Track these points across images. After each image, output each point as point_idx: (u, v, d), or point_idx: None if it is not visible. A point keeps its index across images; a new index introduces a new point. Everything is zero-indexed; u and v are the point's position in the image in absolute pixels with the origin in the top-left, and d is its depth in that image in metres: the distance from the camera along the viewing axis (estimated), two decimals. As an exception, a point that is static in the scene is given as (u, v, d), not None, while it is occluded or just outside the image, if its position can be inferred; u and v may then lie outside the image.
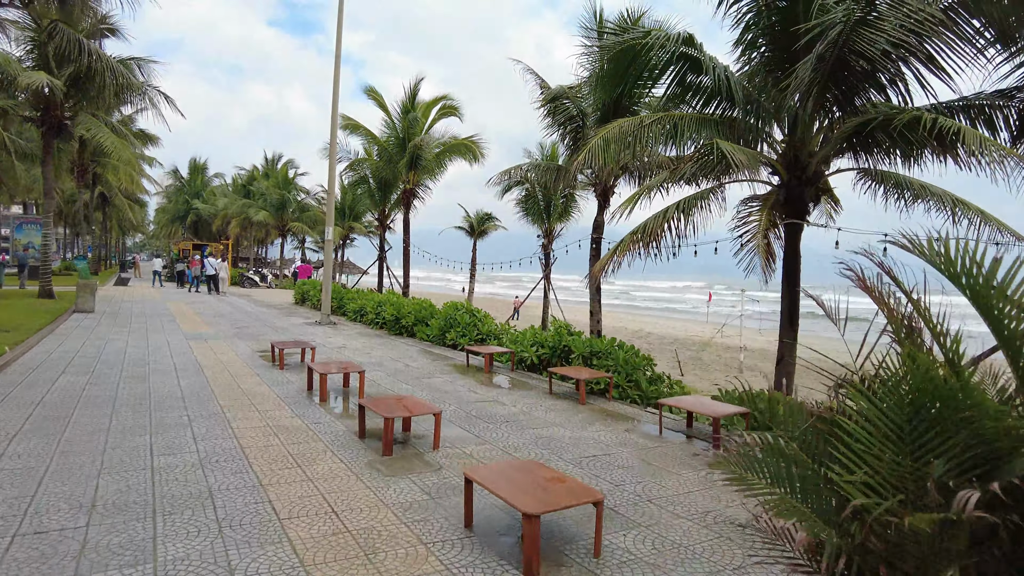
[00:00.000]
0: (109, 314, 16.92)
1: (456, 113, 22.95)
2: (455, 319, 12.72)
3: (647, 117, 8.32)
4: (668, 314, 54.03)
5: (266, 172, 49.42)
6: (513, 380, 9.28)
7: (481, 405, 7.47)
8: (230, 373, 8.92)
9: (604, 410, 7.51)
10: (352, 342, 13.09)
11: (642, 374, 8.63)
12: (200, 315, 17.78)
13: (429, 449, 5.57)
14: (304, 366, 9.74)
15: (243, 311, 19.82)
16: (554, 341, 9.79)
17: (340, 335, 14.29)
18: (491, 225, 31.00)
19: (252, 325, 15.66)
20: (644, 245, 9.19)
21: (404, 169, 22.93)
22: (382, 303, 16.16)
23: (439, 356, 11.47)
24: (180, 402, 6.98)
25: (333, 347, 12.19)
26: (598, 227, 13.11)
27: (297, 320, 17.49)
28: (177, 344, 11.68)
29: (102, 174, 38.41)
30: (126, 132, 25.67)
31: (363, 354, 11.41)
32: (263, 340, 12.80)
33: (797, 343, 8.85)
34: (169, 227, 64.50)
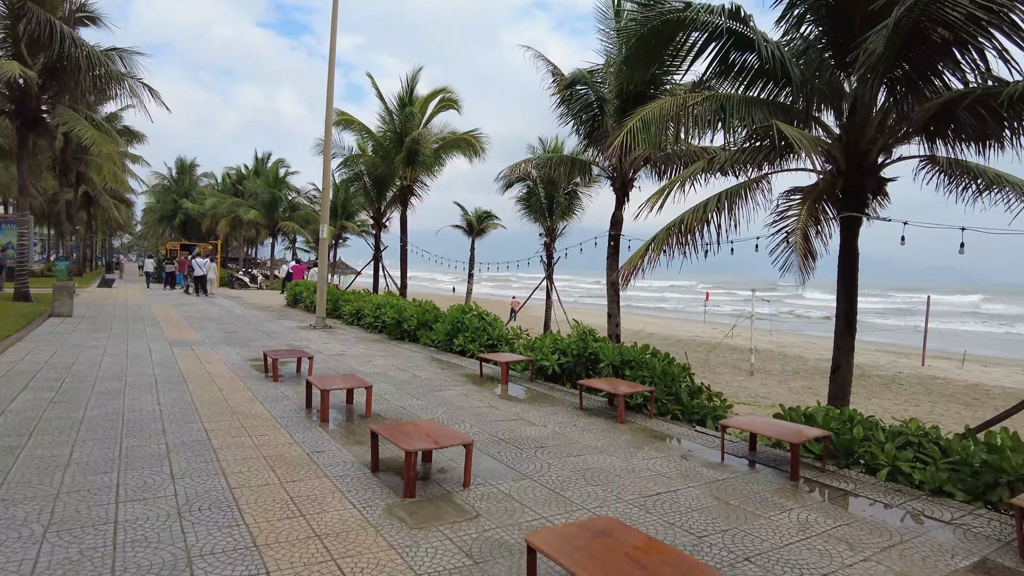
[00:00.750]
0: (88, 318, 15.81)
1: (455, 106, 21.97)
2: (463, 323, 11.74)
3: (690, 97, 7.37)
4: (660, 313, 53.25)
5: (256, 170, 48.20)
6: (535, 393, 8.31)
7: (506, 425, 6.50)
8: (217, 387, 7.89)
9: (647, 430, 6.56)
10: (351, 348, 12.08)
11: (681, 386, 7.69)
12: (186, 319, 16.70)
13: (458, 487, 4.60)
14: (301, 378, 8.73)
15: (232, 314, 18.74)
16: (578, 348, 8.84)
17: (337, 340, 13.27)
18: (490, 224, 30.05)
19: (242, 329, 14.61)
20: (681, 242, 8.26)
21: (401, 165, 21.92)
22: (381, 305, 15.15)
23: (448, 364, 10.48)
24: (158, 425, 5.96)
25: (331, 354, 11.18)
26: (616, 223, 12.17)
27: (290, 324, 16.45)
28: (159, 352, 10.64)
29: (86, 172, 37.11)
30: (109, 128, 24.47)
31: (364, 362, 10.41)
32: (254, 347, 11.77)
33: (854, 351, 7.95)
34: (157, 227, 63.08)
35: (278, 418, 6.40)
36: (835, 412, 6.05)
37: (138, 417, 6.23)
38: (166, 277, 32.82)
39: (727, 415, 7.61)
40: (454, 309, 12.30)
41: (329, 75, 15.11)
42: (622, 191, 12.09)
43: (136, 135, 37.31)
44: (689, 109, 7.21)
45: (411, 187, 22.38)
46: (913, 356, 27.46)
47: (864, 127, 7.40)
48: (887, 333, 39.02)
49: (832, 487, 4.93)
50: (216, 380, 8.35)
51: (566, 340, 9.30)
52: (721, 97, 7.27)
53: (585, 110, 12.00)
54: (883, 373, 21.74)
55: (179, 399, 7.10)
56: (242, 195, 45.98)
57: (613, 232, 12.12)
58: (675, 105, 7.26)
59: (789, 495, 4.71)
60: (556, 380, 9.09)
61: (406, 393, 7.97)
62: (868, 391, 18.29)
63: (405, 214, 22.71)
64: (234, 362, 9.93)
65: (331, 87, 15.07)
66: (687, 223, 8.26)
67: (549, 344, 9.37)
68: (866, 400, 17.25)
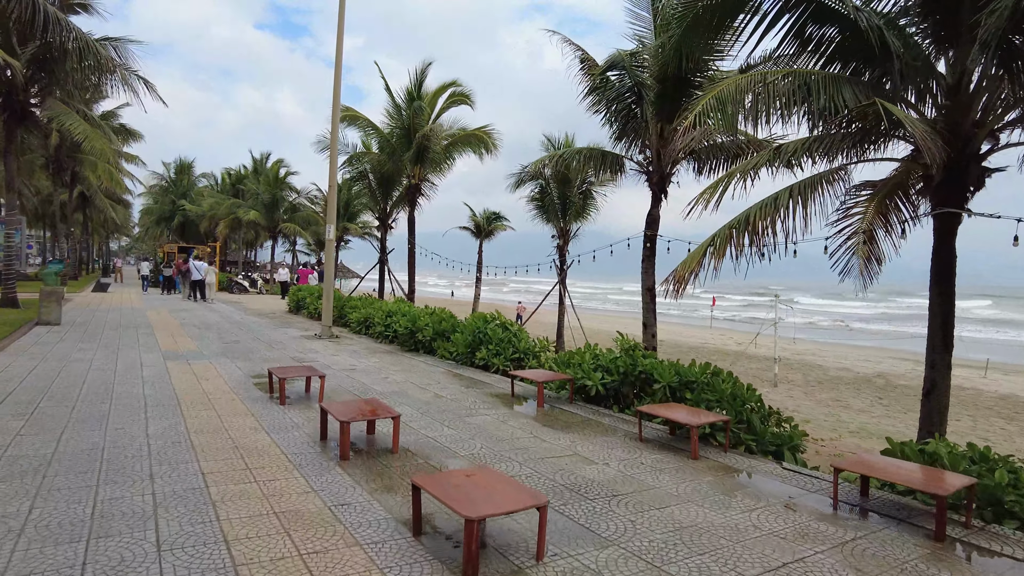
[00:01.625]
0: (78, 326, 14.74)
1: (467, 101, 20.91)
2: (485, 334, 10.70)
3: (769, 73, 6.34)
4: (663, 319, 52.10)
5: (256, 169, 47.13)
6: (580, 418, 7.25)
7: (560, 463, 5.44)
8: (216, 411, 6.84)
9: (727, 468, 5.52)
10: (362, 361, 11.02)
11: (752, 411, 6.66)
12: (183, 326, 15.64)
13: (529, 560, 3.55)
14: (311, 399, 7.68)
15: (232, 321, 17.68)
16: (625, 366, 7.79)
17: (346, 352, 12.22)
18: (499, 225, 28.99)
19: (243, 339, 13.55)
20: (746, 243, 7.22)
21: (409, 163, 20.88)
22: (392, 313, 14.09)
23: (472, 381, 9.43)
24: (145, 465, 4.91)
25: (341, 369, 10.12)
26: (652, 223, 11.12)
27: (294, 332, 15.39)
28: (152, 366, 9.58)
29: (81, 171, 36.05)
30: (101, 124, 23.41)
31: (379, 378, 9.36)
32: (256, 359, 10.71)
33: (951, 369, 6.91)
34: (155, 229, 61.99)
35: (289, 454, 5.35)
36: (962, 450, 5.01)
37: (121, 454, 5.17)
38: (164, 281, 31.70)
39: (801, 443, 6.58)
40: (475, 319, 11.25)
41: (337, 64, 14.09)
42: (659, 187, 11.04)
43: (133, 133, 36.26)
44: (769, 86, 6.18)
45: (419, 186, 21.33)
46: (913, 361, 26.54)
47: (968, 109, 6.37)
48: (880, 337, 38.02)
49: (994, 552, 3.89)
50: (215, 402, 7.29)
51: (609, 355, 8.25)
52: (804, 73, 6.24)
53: (619, 99, 10.95)
54: (907, 383, 20.75)
55: (171, 428, 6.04)
56: (242, 196, 44.92)
57: (649, 232, 11.07)
58: (752, 81, 6.24)
59: (947, 566, 3.67)
60: (598, 402, 8.04)
61: (432, 418, 6.91)
62: (903, 405, 17.30)
63: (413, 214, 21.67)
64: (235, 378, 8.87)
65: (338, 77, 14.04)
66: (753, 221, 7.23)
67: (589, 360, 8.31)
68: (904, 415, 16.25)
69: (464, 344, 10.94)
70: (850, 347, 33.16)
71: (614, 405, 7.83)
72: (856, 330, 45.29)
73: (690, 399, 6.89)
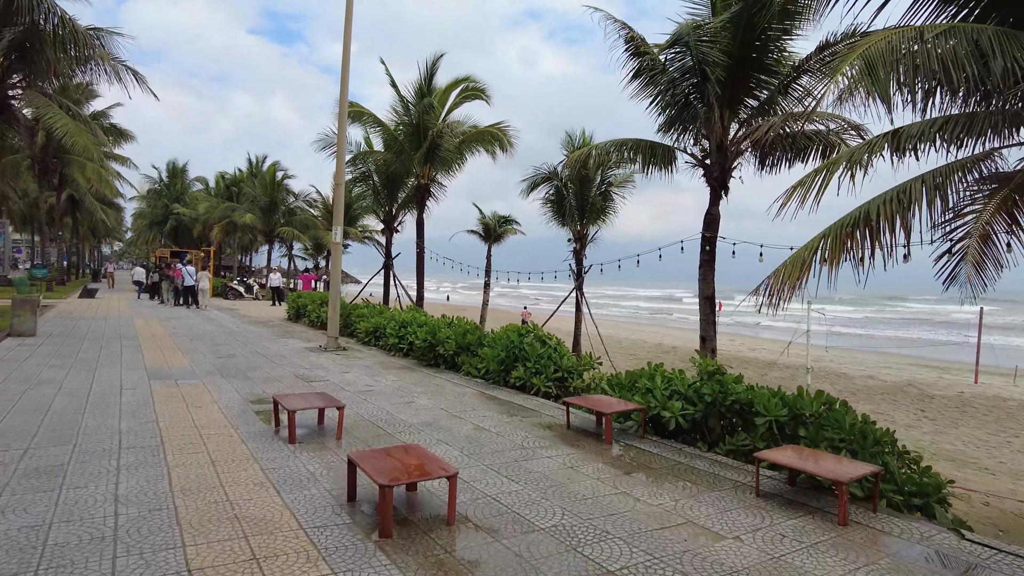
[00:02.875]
0: (55, 338, 13.25)
1: (483, 96, 19.50)
2: (522, 349, 9.27)
3: (929, 28, 4.96)
4: (665, 323, 50.82)
5: (252, 171, 45.58)
6: (666, 462, 5.82)
7: (675, 538, 4.02)
8: (210, 454, 5.40)
9: (897, 539, 4.10)
10: (378, 380, 9.59)
11: (887, 453, 5.26)
12: (173, 337, 14.16)
13: None
14: (326, 435, 6.24)
15: (227, 331, 16.21)
16: (712, 392, 6.37)
17: (358, 368, 10.78)
18: (509, 229, 27.60)
19: (239, 353, 12.09)
20: (869, 241, 5.84)
21: (419, 162, 19.48)
22: (407, 323, 12.66)
23: (513, 407, 8.00)
24: (105, 558, 3.46)
25: (356, 391, 8.68)
26: (711, 223, 9.73)
27: (296, 344, 13.93)
28: (134, 388, 8.12)
29: (69, 173, 34.52)
30: (87, 119, 21.91)
31: (402, 403, 7.93)
32: (256, 379, 9.26)
33: None
34: (147, 233, 60.36)
35: (310, 529, 3.91)
36: None
37: (74, 538, 3.70)
38: (151, 287, 29.89)
39: (946, 491, 5.18)
40: (508, 331, 9.83)
41: (345, 49, 12.68)
42: (720, 183, 9.66)
43: (124, 134, 34.76)
44: (928, 44, 4.80)
45: (429, 186, 19.93)
46: (953, 371, 25.23)
47: None
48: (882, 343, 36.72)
49: None
50: (208, 440, 5.84)
51: (684, 379, 6.84)
52: (973, 29, 4.86)
53: (676, 82, 9.53)
54: (942, 393, 19.44)
55: (150, 486, 4.59)
56: (237, 199, 43.39)
57: (708, 234, 9.68)
58: (906, 38, 4.88)
59: None
60: (676, 436, 6.62)
61: (483, 464, 5.48)
62: (948, 419, 16.00)
63: (422, 216, 20.26)
64: (232, 405, 7.42)
65: (346, 62, 12.64)
66: (874, 217, 5.84)
67: (661, 385, 6.89)
68: (953, 428, 14.96)
69: (495, 361, 9.51)
70: (864, 353, 31.85)
71: (700, 442, 6.42)
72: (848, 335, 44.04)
73: (804, 437, 5.49)
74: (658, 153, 10.36)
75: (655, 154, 10.36)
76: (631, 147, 10.51)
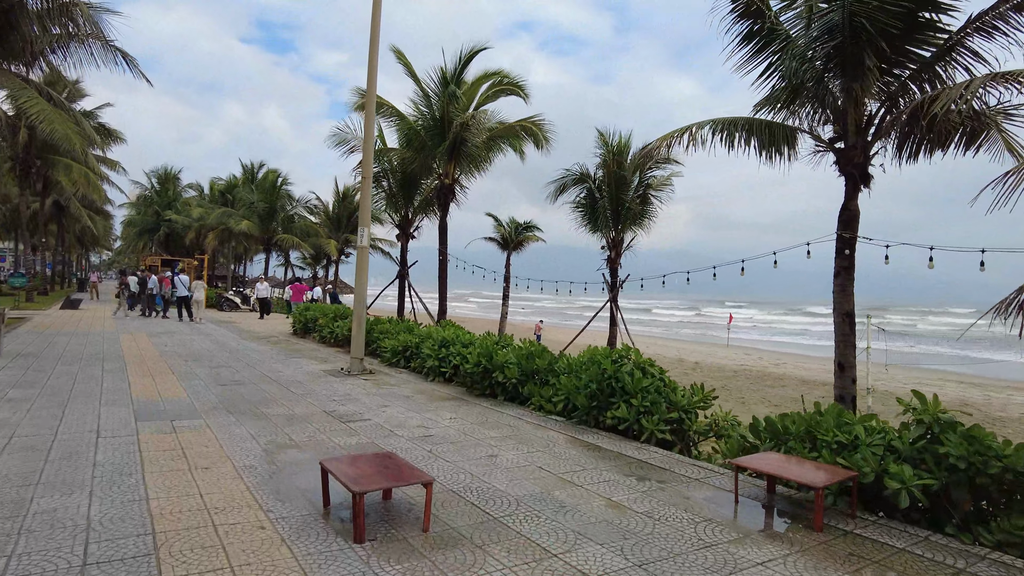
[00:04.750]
0: (24, 359, 11.06)
1: (519, 91, 17.45)
2: (618, 379, 7.19)
3: None
4: (679, 336, 48.78)
5: (245, 179, 43.34)
6: (933, 567, 3.75)
7: None
8: (232, 567, 3.28)
9: None
10: (432, 419, 7.47)
11: None
12: (165, 358, 11.98)
13: None
14: (403, 525, 4.12)
15: (227, 349, 14.03)
16: (965, 453, 4.30)
17: (398, 400, 8.66)
18: (530, 236, 25.57)
19: (246, 378, 9.94)
20: None
21: (442, 159, 17.45)
22: (449, 342, 10.55)
23: (633, 463, 5.91)
24: None
25: (410, 436, 6.56)
26: (849, 221, 7.69)
27: (310, 366, 11.78)
28: (115, 435, 5.97)
29: (52, 176, 32.24)
30: (70, 107, 19.73)
31: (481, 458, 5.83)
32: (275, 419, 7.12)
33: None
34: (137, 241, 57.96)
35: None
36: None
37: None
38: (132, 299, 26.19)
39: None
40: (596, 355, 7.75)
41: (375, 9, 10.65)
42: (860, 171, 7.66)
43: (113, 134, 32.54)
44: None
45: (452, 187, 17.88)
46: (996, 388, 23.37)
47: None
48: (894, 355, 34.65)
49: None
50: (228, 539, 3.71)
51: (906, 433, 4.78)
52: None
53: (806, 47, 7.50)
54: (1004, 415, 17.49)
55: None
56: (232, 206, 41.17)
57: (847, 235, 7.66)
58: None
59: None
60: (906, 517, 4.55)
61: None
62: None
63: (445, 220, 18.18)
64: (253, 464, 5.29)
65: (377, 17, 10.60)
66: None
67: (871, 440, 4.82)
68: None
69: (583, 394, 7.42)
70: (925, 372, 29.84)
71: (949, 524, 4.35)
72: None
73: None
74: (777, 135, 8.37)
75: (774, 136, 8.36)
76: (743, 126, 8.50)
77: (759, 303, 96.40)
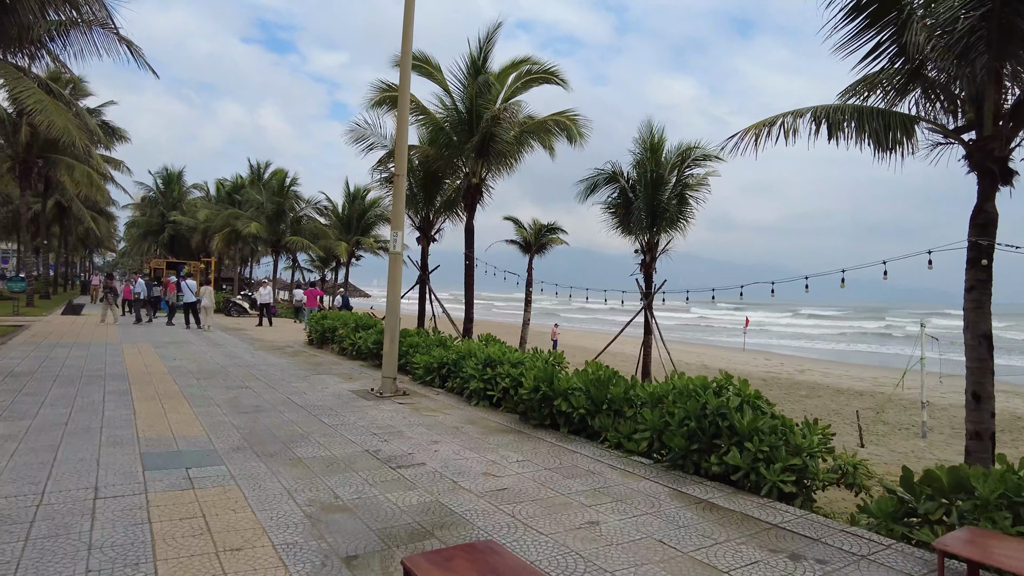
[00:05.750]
0: (14, 378, 9.86)
1: (554, 79, 16.19)
2: (723, 416, 5.94)
3: None
4: (699, 339, 47.46)
5: (258, 175, 42.10)
6: None
7: None
8: None
9: None
10: (499, 465, 6.23)
11: None
12: (173, 376, 10.77)
13: None
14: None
15: (242, 363, 12.82)
16: None
17: (446, 434, 7.42)
18: (554, 239, 24.33)
19: (267, 402, 8.71)
20: None
21: (470, 156, 16.23)
22: (495, 361, 9.31)
23: (764, 528, 4.66)
24: None
25: (479, 490, 5.33)
26: (986, 225, 6.42)
27: (337, 385, 10.55)
28: (117, 498, 4.75)
29: (54, 176, 31.13)
30: (70, 99, 18.56)
31: (580, 527, 4.59)
32: (311, 463, 5.90)
33: None
34: (141, 243, 56.92)
35: None
36: None
37: None
38: (132, 305, 24.93)
39: None
40: (691, 385, 6.50)
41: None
42: (999, 166, 6.42)
43: (117, 132, 31.43)
44: None
45: (480, 185, 16.66)
46: None
47: None
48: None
49: None
50: None
51: None
52: None
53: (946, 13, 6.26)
54: None
55: None
56: (239, 206, 40.00)
57: (984, 241, 6.42)
58: None
59: None
60: None
61: None
62: None
63: (471, 222, 16.96)
64: (294, 542, 4.06)
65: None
66: None
67: None
68: None
69: (680, 434, 6.17)
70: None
71: None
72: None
73: None
74: (893, 124, 7.13)
75: (888, 125, 7.12)
76: (850, 115, 7.26)
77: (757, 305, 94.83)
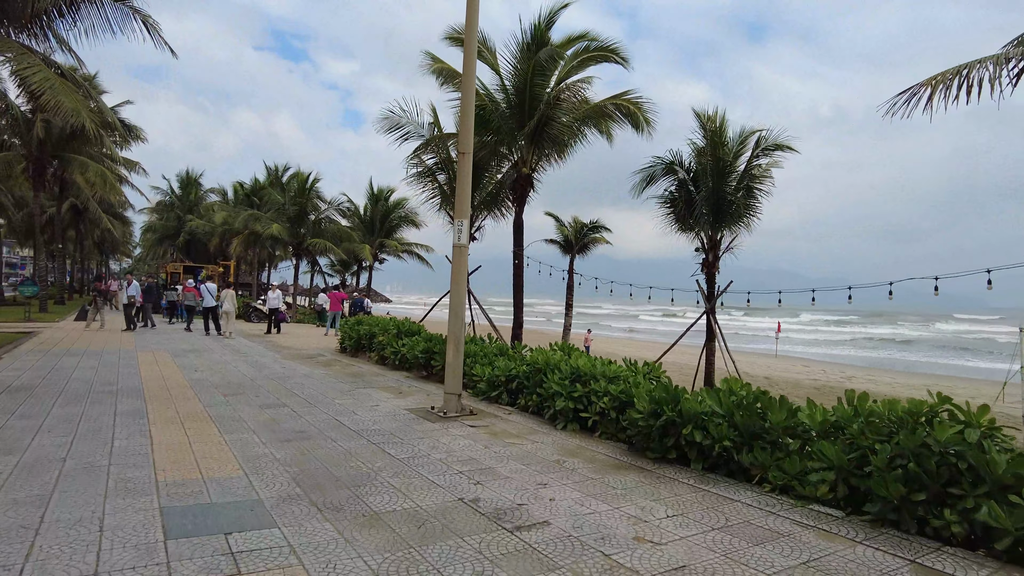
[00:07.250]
0: (12, 394, 8.34)
1: (615, 57, 14.53)
2: (959, 456, 4.25)
3: None
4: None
5: (270, 181, 40.74)
6: None
7: None
8: None
9: None
10: (647, 525, 4.56)
11: None
12: (196, 391, 9.21)
13: None
14: None
15: (271, 375, 11.26)
16: None
17: (549, 472, 5.77)
18: (598, 238, 22.65)
19: (313, 427, 7.09)
20: None
21: (520, 143, 14.63)
22: (587, 376, 7.65)
23: None
24: None
25: (646, 572, 3.66)
26: None
27: (388, 402, 8.93)
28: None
29: (69, 177, 29.96)
30: (78, 79, 17.16)
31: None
32: (392, 520, 4.26)
33: None
34: (158, 247, 55.95)
35: None
36: None
37: None
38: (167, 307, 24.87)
39: None
40: (895, 410, 4.82)
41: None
42: None
43: (133, 130, 30.23)
44: None
45: (531, 176, 15.05)
46: None
47: None
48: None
49: None
50: None
51: None
52: None
53: None
54: None
55: None
56: (258, 208, 38.70)
57: None
58: None
59: None
60: None
61: None
62: None
63: (521, 216, 15.37)
64: None
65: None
66: None
67: None
68: None
69: (888, 476, 4.47)
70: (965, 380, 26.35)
71: None
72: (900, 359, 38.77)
73: None
74: None
75: None
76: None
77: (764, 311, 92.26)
